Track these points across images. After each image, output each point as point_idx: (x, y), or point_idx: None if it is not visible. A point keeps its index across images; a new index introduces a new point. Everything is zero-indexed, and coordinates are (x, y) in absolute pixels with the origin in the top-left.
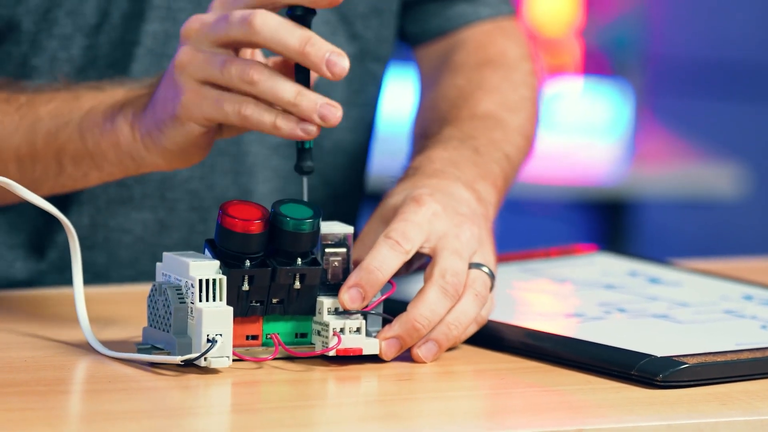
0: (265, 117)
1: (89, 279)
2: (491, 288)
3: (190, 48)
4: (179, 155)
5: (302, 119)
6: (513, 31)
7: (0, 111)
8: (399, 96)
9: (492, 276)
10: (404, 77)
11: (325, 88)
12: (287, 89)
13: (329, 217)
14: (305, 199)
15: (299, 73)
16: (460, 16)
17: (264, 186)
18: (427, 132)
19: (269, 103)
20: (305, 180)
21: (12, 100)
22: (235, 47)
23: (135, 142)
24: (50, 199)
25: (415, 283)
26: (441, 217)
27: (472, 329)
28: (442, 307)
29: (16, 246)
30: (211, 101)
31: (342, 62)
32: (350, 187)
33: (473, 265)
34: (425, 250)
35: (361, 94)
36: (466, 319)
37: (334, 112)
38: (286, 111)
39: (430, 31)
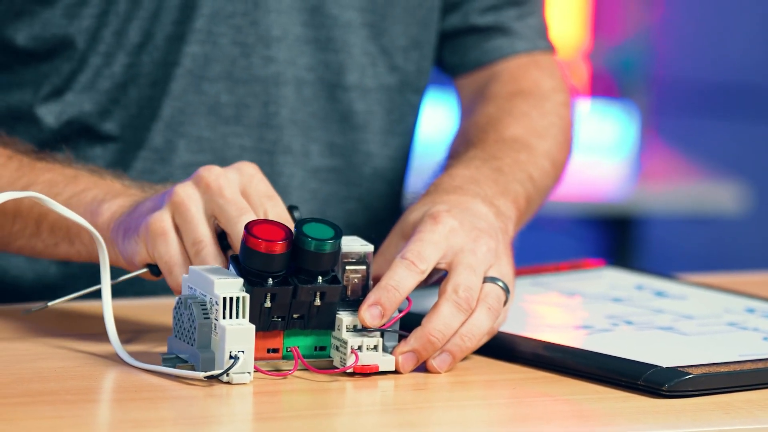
0: (173, 276)
1: (123, 286)
2: (506, 302)
3: (193, 191)
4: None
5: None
6: (548, 65)
7: (0, 165)
8: (434, 121)
9: (506, 290)
10: (439, 103)
11: (365, 118)
12: (200, 233)
13: (368, 241)
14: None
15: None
16: (497, 50)
17: (301, 208)
18: (454, 155)
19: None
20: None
21: (15, 159)
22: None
23: (108, 231)
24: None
25: (430, 297)
26: (458, 233)
27: (484, 340)
28: (456, 321)
29: None
30: (164, 243)
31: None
32: (389, 213)
33: (488, 279)
34: (442, 266)
35: (400, 124)
36: (478, 331)
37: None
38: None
39: (469, 63)
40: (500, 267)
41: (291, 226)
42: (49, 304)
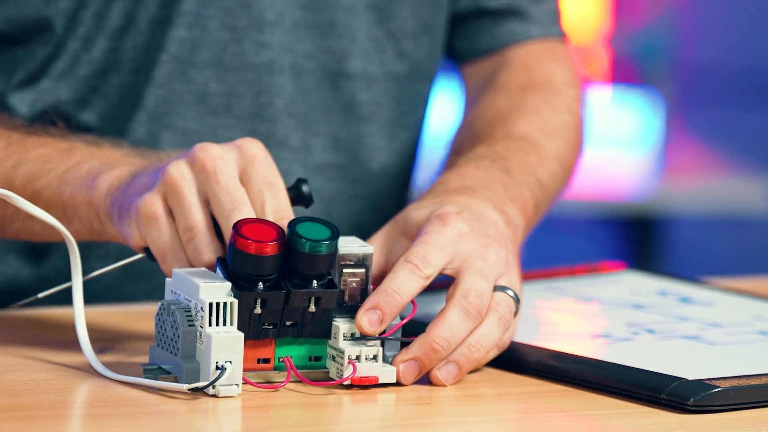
0: (177, 264)
1: (101, 291)
2: (516, 313)
3: (188, 172)
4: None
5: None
6: (562, 55)
7: None
8: (444, 113)
9: (517, 300)
10: (450, 92)
11: (370, 109)
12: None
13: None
14: None
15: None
16: (510, 34)
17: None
18: (459, 149)
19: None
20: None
21: (3, 136)
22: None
23: (104, 206)
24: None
25: (436, 304)
26: (467, 238)
27: (493, 353)
28: (463, 329)
29: (21, 252)
30: (156, 228)
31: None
32: (396, 210)
33: (498, 288)
34: (448, 272)
35: (410, 116)
36: (487, 342)
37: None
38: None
39: (478, 49)
40: (510, 277)
41: (290, 217)
42: (40, 295)
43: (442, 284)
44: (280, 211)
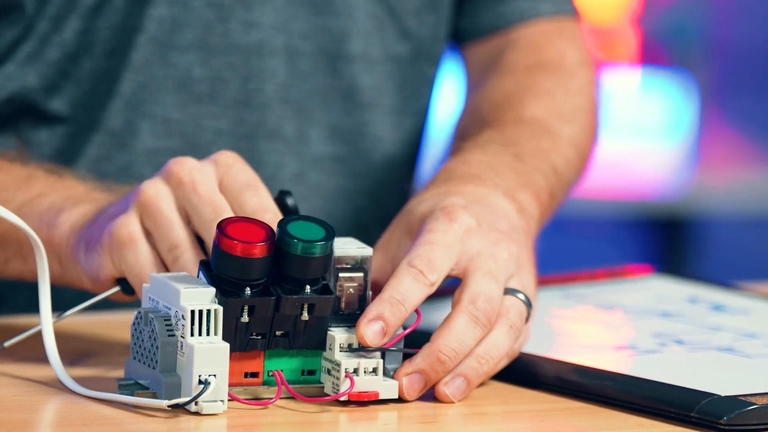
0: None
1: (70, 299)
2: (527, 318)
3: (164, 188)
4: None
5: None
6: (574, 34)
7: None
8: (451, 98)
9: (529, 304)
10: (456, 75)
11: (372, 95)
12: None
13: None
14: None
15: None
16: (516, 12)
17: (299, 205)
18: (464, 135)
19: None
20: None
21: None
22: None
23: (67, 247)
24: None
25: (440, 311)
26: (475, 234)
27: (503, 363)
28: (472, 338)
29: None
30: (133, 253)
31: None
32: (401, 207)
33: (508, 291)
34: (455, 273)
35: (413, 101)
36: (497, 352)
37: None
38: None
39: (482, 27)
40: (522, 278)
41: (275, 214)
42: (6, 345)
43: (446, 290)
44: (263, 209)
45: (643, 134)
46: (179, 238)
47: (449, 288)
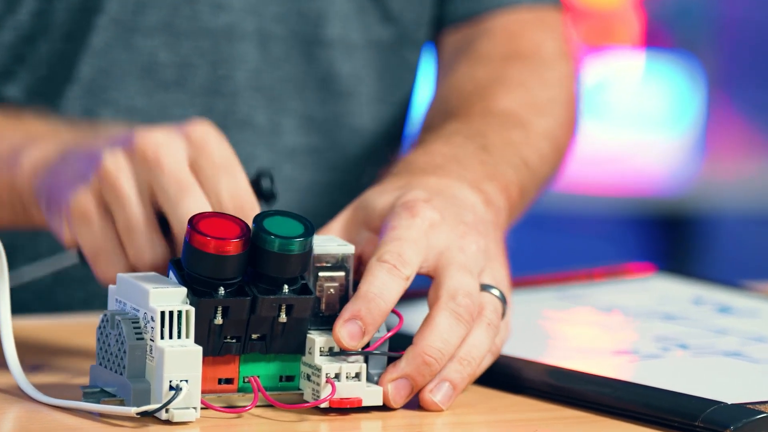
0: (111, 268)
1: (29, 300)
2: (503, 314)
3: (125, 163)
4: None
5: None
6: (554, 25)
7: None
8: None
9: (503, 300)
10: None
11: (351, 83)
12: (150, 256)
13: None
14: None
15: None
16: None
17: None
18: (430, 126)
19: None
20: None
21: None
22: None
23: (29, 188)
24: None
25: (418, 313)
26: (440, 228)
27: (487, 362)
28: (456, 336)
29: None
30: (88, 227)
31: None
32: None
33: (481, 287)
34: (424, 271)
35: (396, 90)
36: (479, 352)
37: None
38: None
39: (456, 13)
40: (493, 271)
41: (254, 209)
42: None
43: (415, 292)
44: (239, 195)
45: (645, 124)
46: (135, 215)
47: (417, 291)
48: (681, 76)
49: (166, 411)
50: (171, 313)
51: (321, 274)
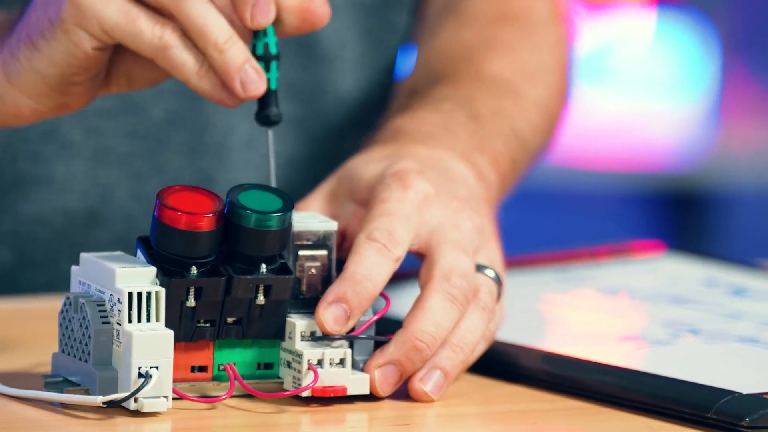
0: (190, 58)
1: None
2: (498, 297)
3: None
4: (52, 88)
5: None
6: None
7: None
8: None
9: (499, 282)
10: None
11: (333, 46)
12: (221, 26)
13: None
14: (273, 174)
15: None
16: None
17: (239, 174)
18: (413, 91)
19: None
20: (271, 137)
21: None
22: None
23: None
24: None
25: (408, 297)
26: (433, 203)
27: (480, 348)
28: (449, 319)
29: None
30: (118, 7)
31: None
32: None
33: (476, 268)
34: (414, 248)
35: (380, 54)
36: (472, 338)
37: (256, 83)
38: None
39: None
40: (488, 251)
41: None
42: None
43: (402, 273)
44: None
45: (653, 92)
46: None
47: (405, 271)
48: (693, 38)
49: (135, 400)
50: (139, 294)
51: (301, 252)
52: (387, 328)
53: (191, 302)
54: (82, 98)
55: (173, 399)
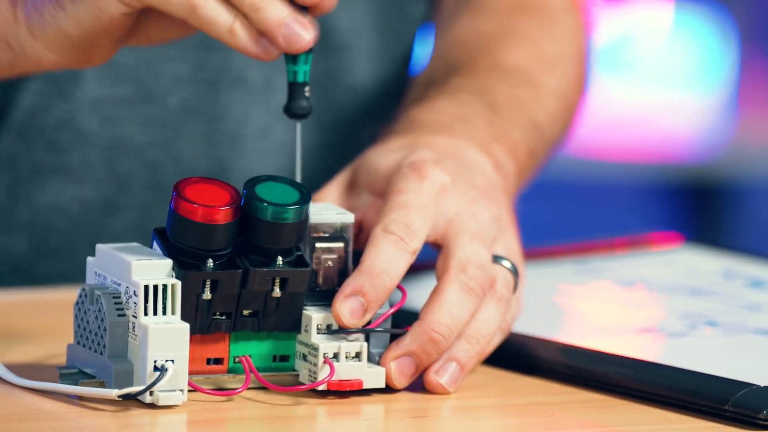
0: (222, 14)
1: (4, 272)
2: (515, 288)
3: None
4: (74, 46)
5: (262, 34)
6: None
7: None
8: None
9: (515, 273)
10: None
11: (348, 37)
12: None
13: None
14: (299, 167)
15: None
16: None
17: (254, 163)
18: (430, 82)
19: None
20: (299, 129)
21: None
22: None
23: (16, 22)
24: None
25: (424, 288)
26: (450, 193)
27: (497, 340)
28: (466, 311)
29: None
30: None
31: (302, 38)
32: None
33: (492, 258)
34: (431, 239)
35: (396, 45)
36: (488, 330)
37: (303, 35)
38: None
39: None
40: (505, 242)
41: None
42: None
43: (418, 265)
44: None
45: (671, 82)
46: None
47: (422, 263)
48: (711, 29)
49: (151, 393)
50: (155, 287)
51: (318, 245)
52: (403, 319)
53: (207, 295)
54: (104, 55)
55: (189, 391)
